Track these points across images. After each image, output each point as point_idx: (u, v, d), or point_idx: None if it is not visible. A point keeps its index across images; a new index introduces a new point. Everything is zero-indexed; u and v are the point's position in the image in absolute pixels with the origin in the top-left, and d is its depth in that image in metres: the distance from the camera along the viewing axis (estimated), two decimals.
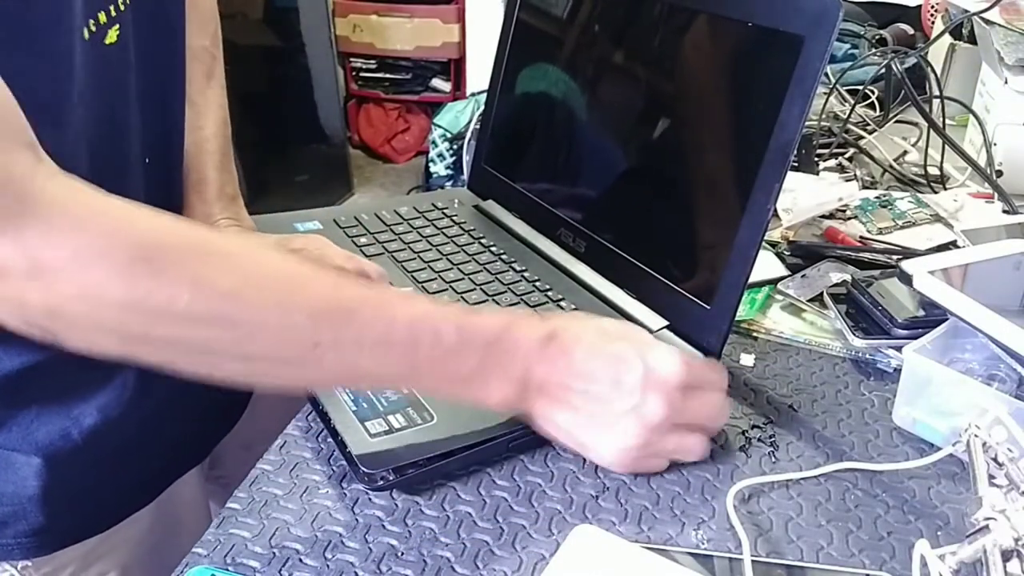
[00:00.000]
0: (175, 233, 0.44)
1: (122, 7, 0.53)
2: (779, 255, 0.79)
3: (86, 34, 0.51)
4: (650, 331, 0.64)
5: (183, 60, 0.63)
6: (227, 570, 0.47)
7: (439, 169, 2.74)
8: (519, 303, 0.68)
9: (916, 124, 1.10)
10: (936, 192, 0.94)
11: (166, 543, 0.65)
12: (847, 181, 0.97)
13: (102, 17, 0.52)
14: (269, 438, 0.57)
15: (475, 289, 0.70)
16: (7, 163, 0.39)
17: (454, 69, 3.15)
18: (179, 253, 0.43)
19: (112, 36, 0.53)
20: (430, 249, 0.76)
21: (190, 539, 0.49)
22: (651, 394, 0.51)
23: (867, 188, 0.96)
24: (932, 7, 1.32)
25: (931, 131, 0.96)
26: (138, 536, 0.64)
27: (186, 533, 0.69)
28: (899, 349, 0.60)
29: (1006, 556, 0.42)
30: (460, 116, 2.74)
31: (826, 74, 1.13)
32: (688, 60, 0.67)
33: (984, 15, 1.04)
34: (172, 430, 0.65)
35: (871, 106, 1.17)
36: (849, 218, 0.87)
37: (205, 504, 0.74)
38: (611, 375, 0.52)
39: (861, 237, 0.83)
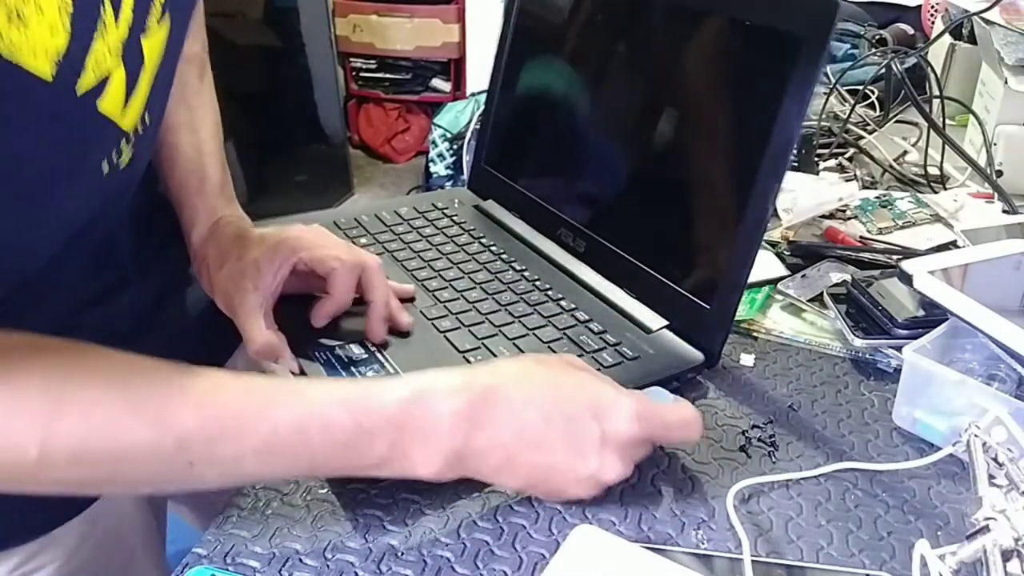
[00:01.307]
0: (25, 381, 0.42)
1: (141, 133, 0.52)
2: (779, 255, 0.79)
3: (105, 168, 0.50)
4: (649, 331, 0.64)
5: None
6: (227, 570, 0.47)
7: (439, 169, 2.75)
8: (519, 301, 0.68)
9: (916, 124, 1.10)
10: (936, 192, 0.95)
11: (103, 557, 0.62)
12: (847, 181, 0.97)
13: (125, 150, 0.51)
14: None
15: (475, 288, 0.70)
16: None
17: (454, 69, 3.15)
18: (25, 406, 0.41)
19: (125, 159, 0.52)
20: (430, 248, 0.77)
21: (130, 552, 0.47)
22: (608, 457, 0.49)
23: (867, 188, 0.96)
24: (932, 7, 1.32)
25: (931, 131, 0.96)
26: (69, 551, 0.61)
27: (126, 545, 0.66)
28: (899, 349, 0.60)
29: (1006, 556, 0.42)
30: (460, 116, 2.74)
31: (826, 74, 1.13)
32: (687, 59, 0.67)
33: (984, 15, 1.04)
34: None
35: (871, 106, 1.17)
36: (849, 218, 0.87)
37: (149, 515, 0.71)
38: (566, 443, 0.48)
39: (861, 237, 0.83)
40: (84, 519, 0.61)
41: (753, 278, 0.61)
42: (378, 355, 0.61)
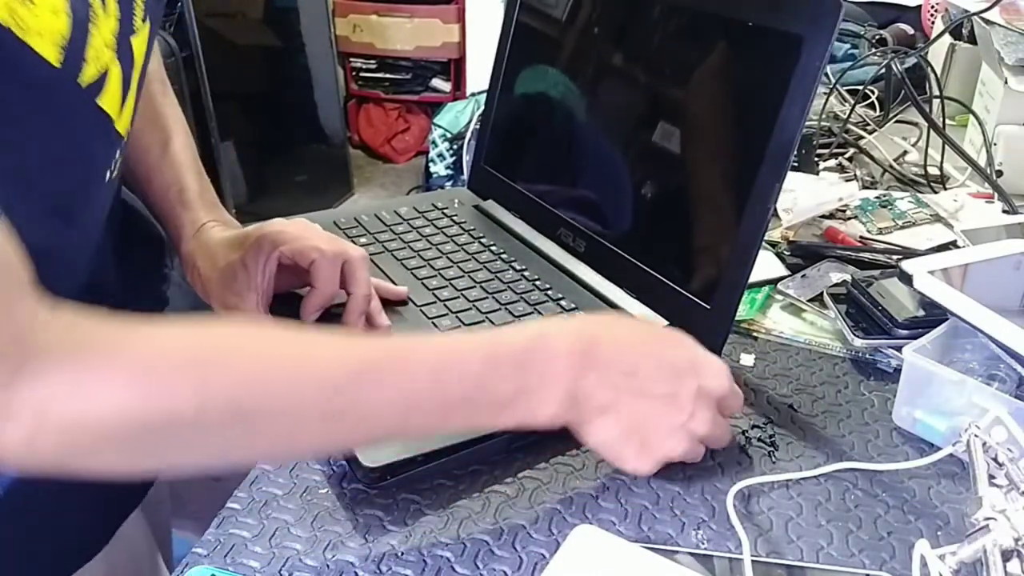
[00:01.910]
0: (172, 342, 0.43)
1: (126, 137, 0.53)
2: (779, 255, 0.79)
3: (108, 178, 0.50)
4: None
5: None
6: (227, 570, 0.47)
7: (439, 169, 2.74)
8: (519, 301, 0.68)
9: (916, 124, 1.10)
10: (936, 192, 0.94)
11: None
12: (847, 181, 0.97)
13: (118, 156, 0.52)
14: (239, 468, 0.55)
15: (475, 287, 0.70)
16: (9, 317, 0.38)
17: (454, 69, 3.15)
18: (177, 362, 0.42)
19: (117, 168, 0.53)
20: (430, 248, 0.77)
21: None
22: (700, 409, 0.51)
23: (867, 188, 0.96)
24: (932, 7, 1.32)
25: (931, 131, 0.96)
26: None
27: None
28: (899, 349, 0.60)
29: (1006, 556, 0.42)
30: (460, 116, 2.73)
31: (826, 74, 1.13)
32: (688, 60, 0.66)
33: (984, 15, 1.04)
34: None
35: (871, 106, 1.17)
36: (849, 218, 0.87)
37: (155, 545, 0.71)
38: (666, 388, 0.51)
39: (861, 237, 0.83)
40: (103, 558, 0.61)
41: (753, 278, 0.61)
42: None
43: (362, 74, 3.21)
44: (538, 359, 0.48)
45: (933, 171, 0.98)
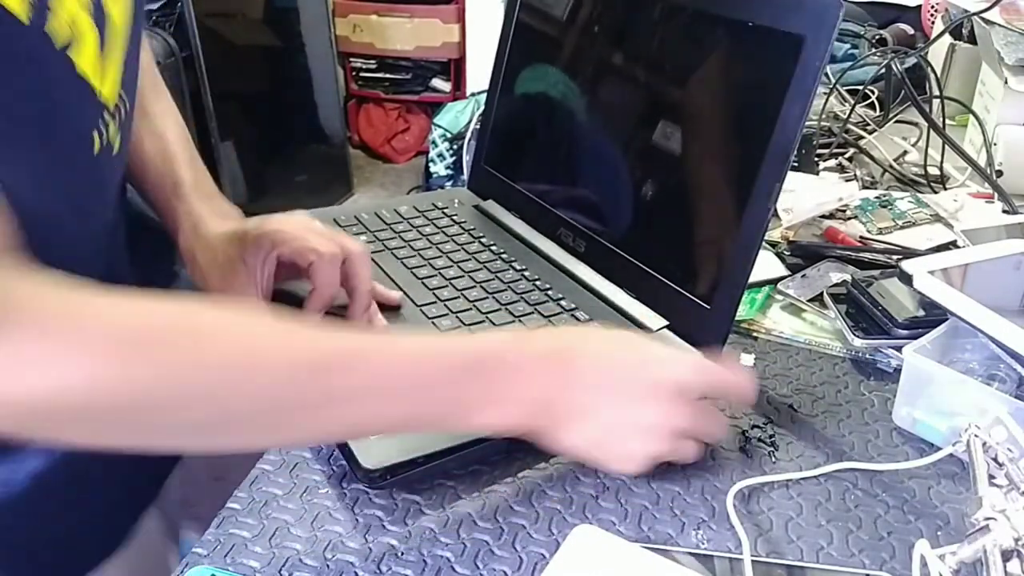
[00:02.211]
0: (147, 319, 0.42)
1: (123, 115, 0.52)
2: (779, 255, 0.79)
3: (96, 147, 0.50)
4: (650, 331, 0.64)
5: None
6: (227, 570, 0.47)
7: (439, 169, 2.74)
8: (519, 301, 0.68)
9: (916, 124, 1.10)
10: (936, 192, 0.95)
11: None
12: (847, 181, 0.97)
13: (112, 128, 0.51)
14: (241, 467, 0.55)
15: (475, 287, 0.70)
16: None
17: (454, 69, 3.15)
18: (150, 339, 0.41)
19: (116, 140, 0.52)
20: (430, 247, 0.77)
21: None
22: (676, 405, 0.51)
23: (867, 188, 0.96)
24: (932, 7, 1.32)
25: (931, 131, 0.96)
26: None
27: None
28: (899, 349, 0.60)
29: (1006, 556, 0.42)
30: (460, 116, 2.73)
31: (826, 74, 1.13)
32: (688, 60, 0.66)
33: (984, 15, 1.04)
34: (122, 466, 0.58)
35: (871, 106, 1.17)
36: (849, 218, 0.87)
37: (173, 550, 0.71)
38: (639, 387, 0.51)
39: (861, 237, 0.83)
40: (123, 557, 0.61)
41: (753, 278, 0.61)
42: None
43: (362, 74, 3.21)
44: (511, 361, 0.49)
45: (933, 171, 0.98)
